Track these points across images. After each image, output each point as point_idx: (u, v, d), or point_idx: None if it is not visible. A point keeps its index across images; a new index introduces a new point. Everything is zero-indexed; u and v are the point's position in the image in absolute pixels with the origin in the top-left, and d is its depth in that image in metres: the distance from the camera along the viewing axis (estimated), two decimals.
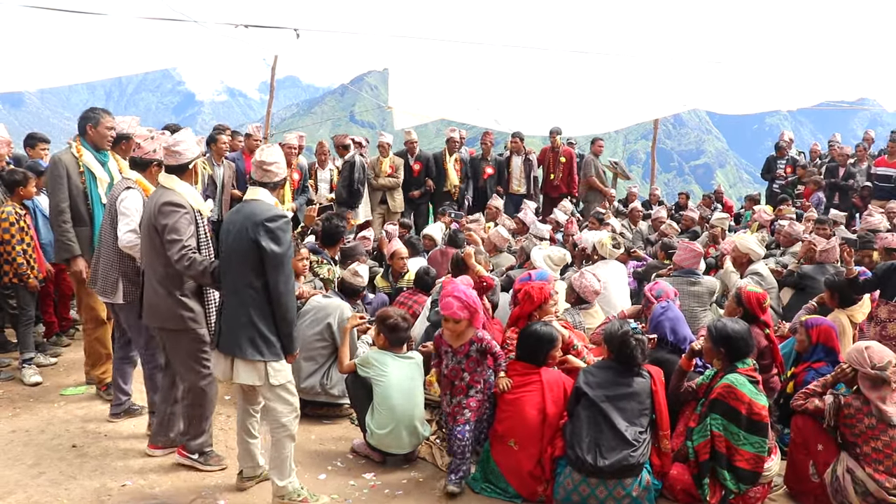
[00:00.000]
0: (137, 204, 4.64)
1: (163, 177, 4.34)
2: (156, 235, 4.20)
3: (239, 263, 3.88)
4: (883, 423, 4.03)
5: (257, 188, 4.03)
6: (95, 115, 5.46)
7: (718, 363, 4.38)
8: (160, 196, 4.23)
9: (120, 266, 4.79)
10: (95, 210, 5.41)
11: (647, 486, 4.10)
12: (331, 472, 4.62)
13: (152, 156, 4.80)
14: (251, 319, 3.85)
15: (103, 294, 4.86)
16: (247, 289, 3.86)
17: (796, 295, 6.99)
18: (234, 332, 3.88)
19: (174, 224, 4.13)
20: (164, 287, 4.25)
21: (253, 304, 3.86)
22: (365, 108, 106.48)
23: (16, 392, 5.79)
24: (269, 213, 3.87)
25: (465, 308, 4.32)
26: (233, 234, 3.91)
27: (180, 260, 4.09)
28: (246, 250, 3.83)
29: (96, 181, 5.42)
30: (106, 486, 4.28)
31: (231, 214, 4.07)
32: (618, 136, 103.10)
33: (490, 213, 10.18)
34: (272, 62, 12.23)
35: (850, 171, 11.63)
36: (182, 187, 4.30)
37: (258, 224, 3.82)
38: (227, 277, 3.96)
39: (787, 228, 8.55)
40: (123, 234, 4.61)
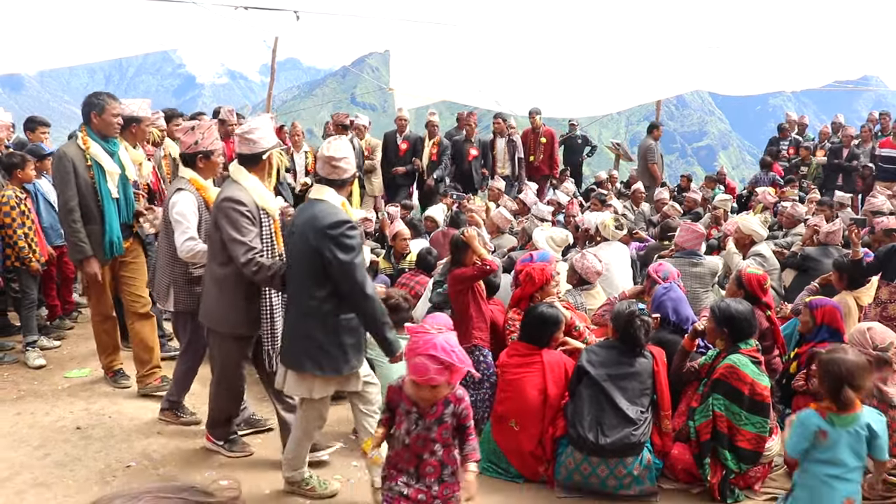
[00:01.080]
0: (189, 207, 4.34)
1: (233, 167, 3.98)
2: (215, 232, 3.94)
3: (299, 271, 3.64)
4: (884, 403, 4.03)
5: (323, 187, 3.68)
6: (100, 100, 5.03)
7: (721, 344, 4.39)
8: (224, 189, 3.93)
9: (171, 272, 4.57)
10: (106, 206, 5.03)
11: (648, 465, 4.12)
12: (333, 453, 4.64)
13: (195, 148, 4.42)
14: (310, 333, 3.60)
15: (158, 300, 4.73)
16: (308, 299, 3.60)
17: (799, 276, 6.98)
18: (293, 343, 3.70)
19: (233, 223, 3.79)
20: (218, 287, 4.00)
21: (313, 316, 3.60)
22: (366, 90, 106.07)
23: (20, 375, 5.81)
24: (333, 219, 3.53)
25: (444, 369, 2.90)
26: (295, 238, 3.65)
27: (247, 265, 3.77)
28: (307, 258, 3.56)
29: (105, 174, 5.02)
30: (111, 467, 4.31)
31: (296, 215, 3.82)
32: (620, 117, 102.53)
33: (492, 194, 10.16)
34: (273, 44, 12.18)
35: (853, 153, 11.58)
36: (249, 181, 3.92)
37: (319, 231, 3.51)
38: (291, 285, 3.73)
39: (789, 210, 8.54)
40: (182, 244, 4.29)
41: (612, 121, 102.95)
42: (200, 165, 4.45)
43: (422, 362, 2.89)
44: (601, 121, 20.76)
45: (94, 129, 5.04)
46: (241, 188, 3.88)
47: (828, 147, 12.48)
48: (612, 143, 14.99)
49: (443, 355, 2.85)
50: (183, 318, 4.64)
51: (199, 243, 4.27)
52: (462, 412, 3.09)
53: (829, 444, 3.04)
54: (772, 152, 12.82)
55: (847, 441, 3.00)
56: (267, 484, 4.18)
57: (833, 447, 3.02)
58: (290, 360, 3.71)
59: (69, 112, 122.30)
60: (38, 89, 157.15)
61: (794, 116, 13.53)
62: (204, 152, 4.43)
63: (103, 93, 5.14)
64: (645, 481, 4.11)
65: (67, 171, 4.91)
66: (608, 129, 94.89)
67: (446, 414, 3.06)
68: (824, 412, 3.09)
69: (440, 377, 2.91)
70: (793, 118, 13.49)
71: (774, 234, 8.65)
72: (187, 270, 4.50)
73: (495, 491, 4.26)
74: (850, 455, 3.01)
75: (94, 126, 5.03)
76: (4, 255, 6.00)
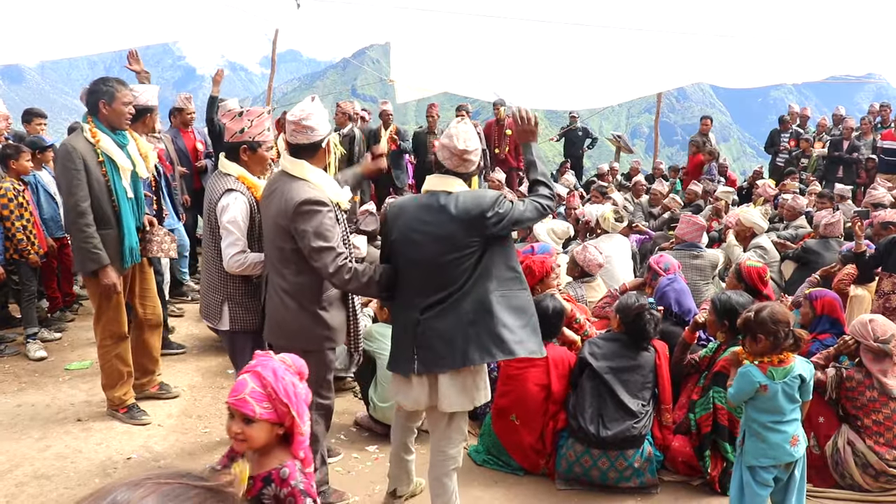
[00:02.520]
0: (242, 213, 3.74)
1: (289, 162, 3.44)
2: (286, 240, 3.38)
3: (442, 264, 3.22)
4: (884, 396, 4.04)
5: (449, 177, 3.33)
6: (109, 87, 4.39)
7: (722, 336, 4.38)
8: (289, 189, 3.35)
9: (225, 288, 3.86)
10: (122, 207, 4.45)
11: (648, 458, 4.12)
12: (334, 445, 4.64)
13: (239, 137, 3.79)
14: (471, 318, 3.20)
15: (208, 318, 4.01)
16: (460, 286, 3.22)
17: (799, 269, 6.98)
18: (452, 341, 3.22)
19: (318, 228, 3.28)
20: (295, 300, 3.44)
21: (471, 299, 3.22)
22: (367, 81, 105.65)
23: (21, 367, 5.81)
24: (487, 199, 3.22)
25: (264, 396, 2.18)
26: (430, 234, 3.24)
27: (338, 273, 3.28)
28: (461, 245, 3.19)
29: (119, 171, 4.44)
30: (111, 459, 4.32)
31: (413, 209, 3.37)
32: (621, 109, 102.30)
33: (492, 186, 10.15)
34: (273, 36, 12.14)
35: (854, 145, 11.56)
36: (316, 175, 3.42)
37: (476, 215, 3.18)
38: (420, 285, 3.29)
39: (790, 202, 8.52)
40: (230, 259, 3.70)
41: (613, 113, 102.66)
42: (244, 158, 3.82)
43: (242, 378, 2.22)
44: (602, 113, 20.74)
45: (103, 119, 4.41)
46: (311, 185, 3.38)
47: (826, 139, 12.47)
48: (612, 135, 14.97)
49: (270, 378, 2.19)
50: (242, 339, 3.94)
51: (248, 255, 3.74)
52: (286, 499, 2.21)
53: (769, 395, 3.30)
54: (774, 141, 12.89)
55: (783, 390, 3.30)
56: None
57: (773, 398, 3.30)
58: (448, 362, 3.23)
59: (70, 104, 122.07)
60: (39, 81, 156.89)
61: (797, 108, 13.49)
62: (249, 143, 3.80)
63: (111, 78, 4.51)
64: (646, 474, 4.12)
65: (77, 168, 4.26)
66: (609, 121, 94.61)
67: (265, 495, 2.22)
68: (765, 367, 3.32)
69: (260, 408, 2.16)
70: (795, 110, 13.46)
71: (775, 225, 8.64)
72: (247, 283, 3.86)
73: (496, 483, 4.27)
74: (787, 402, 3.32)
75: (102, 116, 4.40)
76: (3, 248, 5.99)
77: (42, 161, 6.69)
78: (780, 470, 3.38)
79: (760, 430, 3.34)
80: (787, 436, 3.32)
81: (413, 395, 3.34)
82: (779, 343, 3.29)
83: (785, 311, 3.38)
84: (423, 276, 3.27)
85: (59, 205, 6.79)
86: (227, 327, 3.89)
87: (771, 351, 3.32)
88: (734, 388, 3.41)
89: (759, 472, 3.36)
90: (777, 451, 3.32)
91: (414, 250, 3.28)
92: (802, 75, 14.18)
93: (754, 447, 3.37)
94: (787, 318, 3.34)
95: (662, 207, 9.99)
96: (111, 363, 4.71)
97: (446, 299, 3.22)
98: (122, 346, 4.72)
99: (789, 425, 3.33)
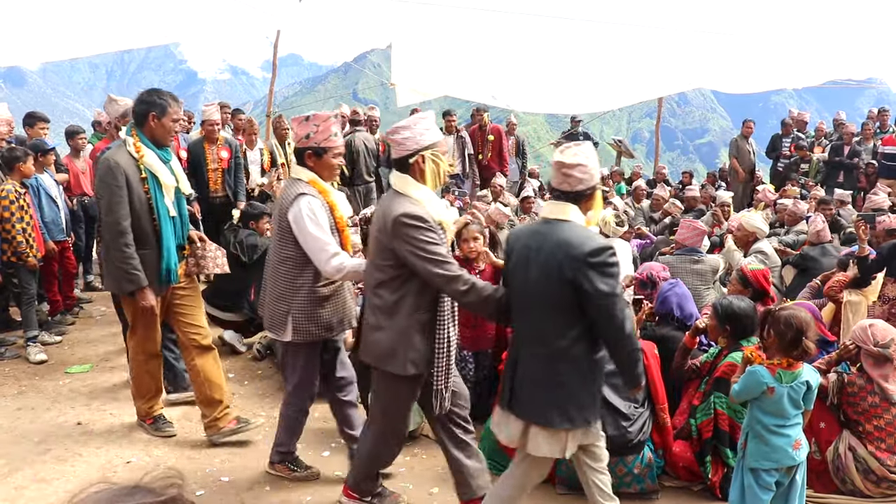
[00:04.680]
0: (321, 215, 3.64)
1: (394, 177, 3.37)
2: (386, 257, 3.28)
3: (545, 305, 3.03)
4: (886, 401, 4.03)
5: (562, 204, 3.09)
6: (163, 101, 4.20)
7: (723, 341, 4.38)
8: (390, 204, 3.27)
9: (292, 297, 3.73)
10: (163, 226, 4.24)
11: (649, 464, 4.12)
12: (334, 450, 4.64)
13: (305, 143, 3.71)
14: (561, 379, 3.03)
15: (272, 329, 3.88)
16: (558, 339, 3.02)
17: (799, 275, 6.98)
18: (536, 392, 3.07)
19: (422, 244, 3.16)
20: (389, 318, 3.31)
21: (565, 359, 3.03)
22: (368, 85, 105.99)
23: (21, 370, 5.82)
24: (592, 244, 2.95)
25: None
26: (534, 266, 3.04)
27: (454, 281, 3.15)
28: (557, 290, 2.98)
29: (162, 188, 4.23)
30: (112, 463, 4.32)
31: (526, 236, 3.16)
32: (622, 114, 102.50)
33: (494, 191, 10.15)
34: (274, 39, 12.16)
35: (855, 150, 11.57)
36: (419, 192, 3.28)
37: (577, 259, 2.92)
38: (525, 321, 3.14)
39: (791, 207, 8.52)
40: (327, 263, 3.57)
41: (613, 117, 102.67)
42: (310, 164, 3.73)
43: None
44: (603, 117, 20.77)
45: (148, 133, 4.21)
46: (413, 201, 3.25)
47: (826, 144, 12.49)
48: (613, 139, 14.99)
49: None
50: (298, 350, 3.88)
51: (348, 258, 3.62)
52: None
53: (775, 398, 3.31)
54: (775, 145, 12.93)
55: (789, 395, 3.30)
56: (257, 474, 4.18)
57: (778, 401, 3.30)
58: (533, 412, 3.08)
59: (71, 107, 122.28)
60: (41, 84, 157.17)
61: (796, 113, 13.50)
62: (314, 149, 3.71)
63: (164, 92, 4.31)
64: (646, 479, 4.11)
65: (119, 184, 4.05)
66: (610, 125, 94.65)
67: None
68: (774, 369, 3.31)
69: None
70: (795, 115, 13.47)
71: (776, 231, 8.65)
72: (313, 293, 3.75)
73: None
74: (791, 407, 3.33)
75: (148, 130, 4.21)
76: (1, 251, 5.99)
77: (44, 164, 6.70)
78: (781, 474, 3.38)
79: (764, 433, 3.34)
80: (790, 439, 3.33)
81: (509, 429, 3.19)
82: (782, 345, 3.30)
83: (806, 319, 3.34)
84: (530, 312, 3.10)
85: (59, 208, 6.81)
86: (289, 338, 3.78)
87: (776, 351, 3.33)
88: (739, 386, 3.41)
89: (761, 474, 3.36)
90: (780, 455, 3.33)
91: (523, 278, 3.10)
92: (803, 80, 14.19)
93: (757, 449, 3.37)
94: (803, 327, 3.27)
95: (663, 212, 10.00)
96: (142, 377, 4.63)
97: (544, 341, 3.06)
98: (153, 363, 4.61)
99: (792, 429, 3.34)
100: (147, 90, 4.27)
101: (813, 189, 10.60)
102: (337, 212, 3.78)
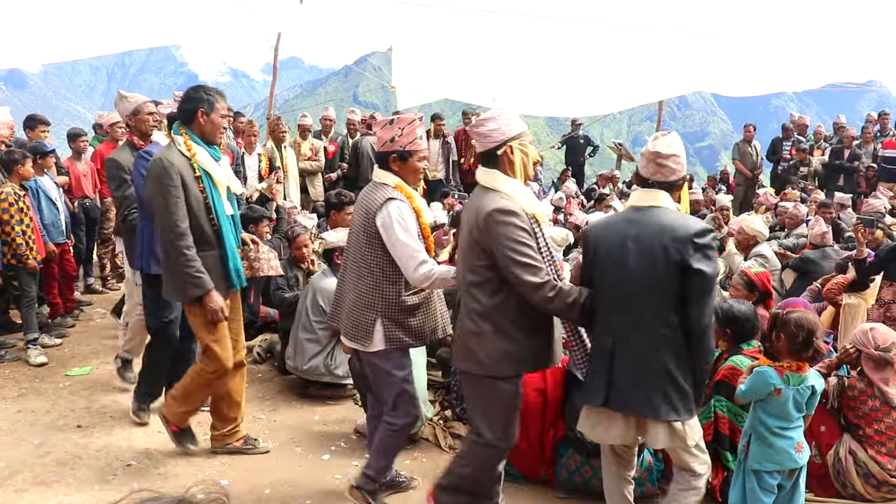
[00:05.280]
0: (410, 220, 3.49)
1: (481, 172, 3.25)
2: (479, 256, 3.13)
3: (649, 292, 2.97)
4: (886, 405, 4.03)
5: (654, 191, 3.10)
6: (210, 96, 4.02)
7: (724, 345, 4.38)
8: (481, 200, 3.15)
9: (381, 305, 3.51)
10: (223, 226, 4.05)
11: (649, 468, 4.11)
12: (334, 453, 4.64)
13: (390, 147, 3.52)
14: (666, 367, 2.96)
15: (352, 339, 3.61)
16: (662, 327, 2.96)
17: (799, 279, 6.98)
18: (640, 384, 2.99)
19: (513, 244, 3.02)
20: (489, 322, 3.14)
21: (669, 347, 2.97)
22: (368, 88, 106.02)
23: (21, 373, 5.82)
24: (697, 225, 2.98)
25: None
26: (634, 254, 3.00)
27: (540, 289, 3.02)
28: (662, 275, 2.94)
29: (216, 187, 4.06)
30: (112, 466, 4.31)
31: (618, 226, 3.13)
32: (622, 117, 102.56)
33: None
34: (275, 42, 12.18)
35: (855, 153, 11.58)
36: (508, 185, 3.16)
37: (683, 240, 2.91)
38: (624, 312, 3.03)
39: (791, 210, 8.53)
40: (415, 271, 3.38)
41: (614, 121, 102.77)
42: (395, 168, 3.55)
43: None
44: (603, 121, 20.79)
45: (198, 131, 4.01)
46: (504, 195, 3.12)
47: (825, 147, 12.52)
48: (614, 143, 14.98)
49: None
50: (388, 357, 3.61)
51: (434, 268, 3.43)
52: None
53: (780, 400, 3.33)
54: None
55: (794, 397, 3.33)
56: (261, 480, 4.18)
57: (784, 403, 3.32)
58: (639, 405, 3.00)
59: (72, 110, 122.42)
60: (42, 87, 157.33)
61: (797, 117, 13.54)
62: (400, 152, 3.53)
63: (210, 87, 4.14)
64: (646, 483, 4.10)
65: (175, 185, 3.85)
66: (610, 129, 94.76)
67: None
68: (782, 371, 3.33)
69: None
70: (796, 119, 13.50)
71: (776, 234, 8.65)
72: (403, 301, 3.55)
73: None
74: (795, 409, 3.36)
75: (197, 127, 4.01)
76: (1, 253, 6.00)
77: (43, 167, 6.71)
78: (783, 476, 3.40)
79: (767, 435, 3.35)
80: (793, 442, 3.35)
81: (614, 428, 3.09)
82: (794, 347, 3.31)
83: (815, 320, 3.37)
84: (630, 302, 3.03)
85: (59, 210, 6.81)
86: (380, 347, 3.53)
87: (787, 353, 3.35)
88: (746, 386, 3.41)
89: (763, 476, 3.37)
90: (782, 457, 3.35)
91: (620, 268, 3.04)
92: (803, 83, 14.21)
93: (760, 451, 3.38)
94: (813, 328, 3.30)
95: None
96: (196, 389, 4.27)
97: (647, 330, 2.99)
98: (218, 383, 4.28)
99: (795, 432, 3.37)
100: (192, 87, 4.10)
101: (813, 193, 10.60)
102: (422, 218, 3.62)
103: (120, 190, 4.87)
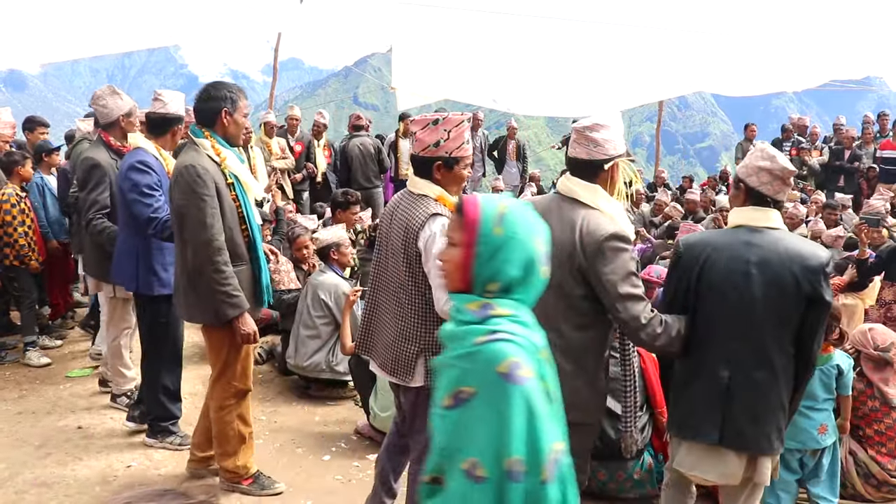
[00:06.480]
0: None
1: (579, 185, 2.80)
2: (575, 284, 2.71)
3: (771, 322, 2.74)
4: (886, 405, 4.03)
5: (766, 210, 2.83)
6: (232, 94, 3.62)
7: None
8: (585, 220, 2.71)
9: (426, 340, 2.92)
10: (256, 237, 3.70)
11: (649, 469, 4.10)
12: (334, 454, 4.64)
13: (433, 152, 2.93)
14: (782, 400, 2.77)
15: (395, 373, 3.00)
16: (781, 357, 2.75)
17: None
18: (758, 419, 2.76)
19: (625, 275, 2.66)
20: (571, 361, 2.69)
21: (785, 379, 2.77)
22: (368, 89, 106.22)
23: (22, 374, 5.82)
24: (823, 256, 2.75)
25: None
26: (759, 281, 2.73)
27: (648, 325, 2.69)
28: (790, 306, 2.72)
29: (247, 194, 3.69)
30: (112, 467, 4.31)
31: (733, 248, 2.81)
32: (622, 117, 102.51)
33: (495, 192, 10.16)
34: (275, 43, 12.18)
35: (855, 154, 11.58)
36: (611, 205, 2.77)
37: (816, 271, 2.70)
38: (743, 343, 2.77)
39: (791, 210, 8.53)
40: (445, 305, 2.71)
41: None
42: (437, 176, 2.96)
43: None
44: None
45: (222, 132, 3.61)
46: (608, 217, 2.73)
47: (821, 147, 12.53)
48: None
49: None
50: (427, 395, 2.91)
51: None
52: None
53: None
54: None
55: (820, 377, 3.47)
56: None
57: (810, 383, 3.26)
58: (755, 442, 2.78)
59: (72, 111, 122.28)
60: (41, 88, 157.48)
61: (796, 118, 13.55)
62: (445, 159, 2.94)
63: (230, 84, 3.73)
64: (646, 485, 4.10)
65: (210, 193, 3.44)
66: None
67: None
68: None
69: None
70: (796, 120, 13.51)
71: None
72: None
73: None
74: (822, 390, 3.50)
75: (221, 129, 3.60)
76: (3, 255, 6.00)
77: (49, 164, 6.72)
78: (806, 455, 3.54)
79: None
80: (816, 423, 3.48)
81: (725, 466, 2.83)
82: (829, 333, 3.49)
83: (837, 306, 3.60)
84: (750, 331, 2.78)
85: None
86: (420, 383, 2.95)
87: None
88: None
89: (785, 456, 3.43)
90: (804, 436, 3.49)
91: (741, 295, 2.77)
92: (803, 82, 14.23)
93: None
94: (836, 313, 3.50)
95: (664, 216, 10.00)
96: (230, 426, 3.78)
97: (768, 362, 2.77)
98: (245, 403, 3.86)
99: (819, 413, 3.50)
100: (210, 84, 3.70)
101: (813, 194, 10.60)
102: None
103: (95, 192, 4.49)
